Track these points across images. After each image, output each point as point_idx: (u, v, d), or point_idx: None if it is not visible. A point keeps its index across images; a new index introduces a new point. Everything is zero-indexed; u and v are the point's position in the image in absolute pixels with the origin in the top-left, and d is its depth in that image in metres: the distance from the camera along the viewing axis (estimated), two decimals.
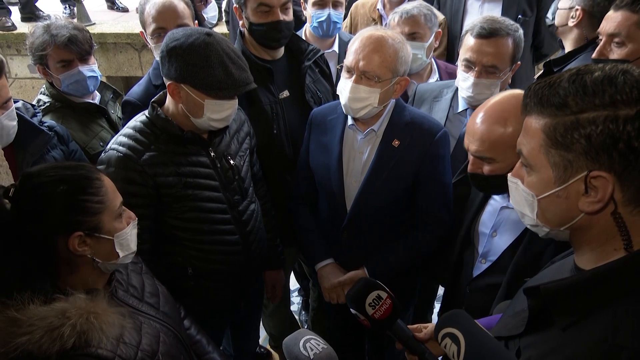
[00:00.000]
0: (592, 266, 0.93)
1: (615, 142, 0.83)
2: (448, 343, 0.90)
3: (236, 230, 1.97)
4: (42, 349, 1.13)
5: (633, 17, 1.95)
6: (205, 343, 1.80)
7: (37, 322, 1.15)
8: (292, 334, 1.11)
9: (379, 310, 1.21)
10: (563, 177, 0.90)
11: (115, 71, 4.93)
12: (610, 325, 0.85)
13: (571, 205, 0.91)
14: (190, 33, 1.69)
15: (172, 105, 1.79)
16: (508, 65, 2.06)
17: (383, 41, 1.82)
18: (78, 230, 1.31)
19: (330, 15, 2.64)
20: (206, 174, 1.85)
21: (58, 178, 1.30)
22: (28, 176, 1.31)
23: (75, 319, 1.19)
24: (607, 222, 0.90)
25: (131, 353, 1.30)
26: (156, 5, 2.24)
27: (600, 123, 0.84)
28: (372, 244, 2.06)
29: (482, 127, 1.55)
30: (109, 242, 1.37)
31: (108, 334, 1.23)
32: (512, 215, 1.67)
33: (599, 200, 0.87)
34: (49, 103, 2.32)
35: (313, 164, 2.12)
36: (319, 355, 1.03)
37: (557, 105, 0.88)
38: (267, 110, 2.23)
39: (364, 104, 1.86)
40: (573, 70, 0.91)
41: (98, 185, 1.34)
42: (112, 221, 1.37)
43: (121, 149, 1.73)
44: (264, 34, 2.19)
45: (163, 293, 1.61)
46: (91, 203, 1.32)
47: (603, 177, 0.86)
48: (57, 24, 2.24)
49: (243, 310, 2.33)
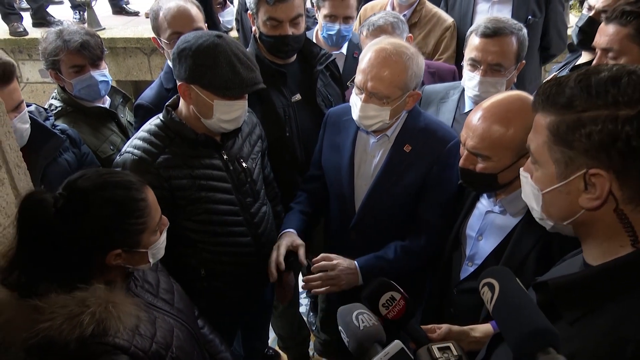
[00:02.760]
0: (599, 262, 0.94)
1: (614, 142, 0.85)
2: (486, 291, 0.94)
3: (248, 232, 1.99)
4: (62, 335, 1.17)
5: (623, 30, 1.90)
6: (218, 343, 1.82)
7: (58, 309, 1.20)
8: (348, 305, 1.14)
9: (392, 310, 1.22)
10: (565, 174, 0.93)
11: (125, 75, 4.97)
12: (616, 319, 0.86)
13: (572, 201, 0.94)
14: (201, 35, 1.72)
15: (185, 108, 1.81)
16: (513, 63, 2.07)
17: (392, 59, 1.78)
18: (118, 248, 1.34)
19: (340, 30, 2.64)
20: (219, 176, 1.87)
21: (107, 198, 1.31)
22: (74, 187, 1.31)
23: (95, 307, 1.23)
24: (610, 219, 0.91)
25: (146, 344, 1.33)
26: (171, 11, 2.27)
27: (601, 122, 0.85)
28: (379, 244, 2.05)
29: (484, 125, 1.55)
30: (144, 253, 1.41)
31: (125, 323, 1.27)
32: (497, 220, 1.68)
33: (597, 197, 0.90)
34: (60, 107, 2.35)
35: (325, 163, 2.13)
36: (368, 329, 1.06)
37: (562, 103, 0.90)
38: (279, 113, 2.25)
39: (375, 120, 1.86)
40: (582, 70, 0.93)
41: (143, 206, 1.36)
42: (150, 237, 1.40)
43: (136, 152, 1.76)
44: (272, 45, 2.22)
45: (178, 290, 1.64)
46: (135, 225, 1.35)
47: (601, 175, 0.88)
48: (69, 29, 2.28)
49: (253, 311, 2.34)
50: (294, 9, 2.16)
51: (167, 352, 1.39)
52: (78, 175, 1.34)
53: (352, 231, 2.08)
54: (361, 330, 1.06)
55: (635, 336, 0.83)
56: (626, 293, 0.88)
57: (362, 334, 1.07)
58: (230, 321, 2.20)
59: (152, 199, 1.41)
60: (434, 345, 0.90)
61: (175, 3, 2.29)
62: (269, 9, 2.14)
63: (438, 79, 2.67)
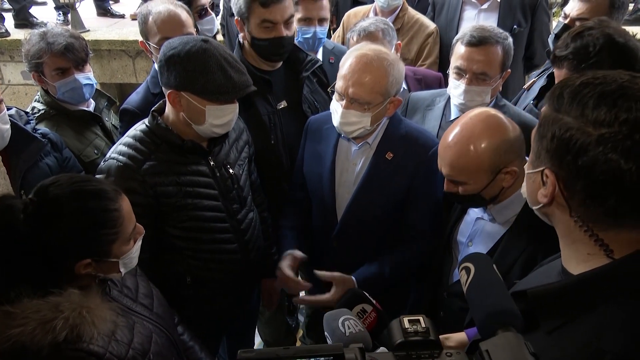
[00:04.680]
0: (575, 268, 0.95)
1: (567, 153, 0.87)
2: (463, 274, 1.01)
3: (235, 239, 1.97)
4: (34, 340, 1.15)
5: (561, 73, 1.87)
6: (197, 349, 1.80)
7: (31, 314, 1.17)
8: (334, 310, 1.15)
9: (363, 322, 1.22)
10: (535, 164, 0.97)
11: (109, 78, 4.92)
12: (594, 330, 0.87)
13: (535, 190, 0.98)
14: (187, 41, 1.70)
15: (172, 114, 1.79)
16: (498, 72, 2.09)
17: (373, 65, 1.78)
18: (87, 257, 1.32)
19: (316, 33, 2.64)
20: (205, 183, 1.85)
21: (78, 207, 1.28)
22: (46, 194, 1.28)
23: (68, 313, 1.20)
24: (569, 223, 0.94)
25: (122, 351, 1.32)
26: (161, 15, 2.25)
27: (564, 129, 0.87)
28: (362, 254, 2.05)
29: (450, 153, 1.58)
30: (115, 262, 1.38)
31: (100, 328, 1.25)
32: (487, 227, 1.70)
33: (546, 195, 0.94)
34: (43, 110, 2.32)
35: (306, 171, 2.12)
36: (354, 334, 1.06)
37: (557, 100, 0.92)
38: (265, 120, 2.24)
39: (356, 127, 1.85)
40: (599, 74, 0.92)
41: (116, 217, 1.34)
42: (121, 246, 1.38)
43: (121, 158, 1.73)
44: (267, 49, 2.20)
45: (157, 295, 1.62)
46: (107, 236, 1.33)
47: (552, 178, 0.91)
48: (53, 31, 2.24)
49: (239, 317, 2.32)
50: (287, 9, 2.15)
51: (144, 358, 1.38)
52: (51, 181, 1.31)
53: (334, 241, 2.07)
54: (347, 336, 1.06)
55: (613, 348, 0.84)
56: (605, 304, 0.89)
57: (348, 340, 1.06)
58: (216, 328, 2.18)
59: (126, 208, 1.38)
60: (405, 318, 0.95)
61: (165, 7, 2.27)
62: (264, 12, 2.11)
63: (425, 86, 2.69)
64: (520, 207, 1.59)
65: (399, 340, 0.91)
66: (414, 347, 0.90)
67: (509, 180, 1.57)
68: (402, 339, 0.91)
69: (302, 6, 2.60)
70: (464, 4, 3.28)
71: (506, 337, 0.82)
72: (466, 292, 0.98)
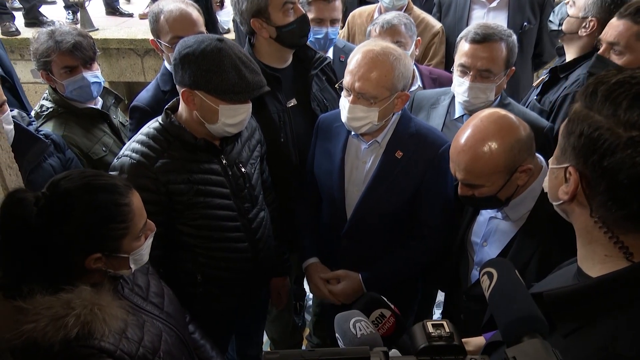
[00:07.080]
0: (592, 269, 0.94)
1: (593, 152, 0.85)
2: (485, 279, 0.99)
3: (245, 237, 1.97)
4: (46, 336, 1.16)
5: (634, 27, 1.95)
6: (209, 348, 1.80)
7: (43, 311, 1.18)
8: (345, 312, 1.15)
9: (382, 328, 1.21)
10: (560, 160, 0.96)
11: (118, 76, 4.95)
12: (610, 334, 0.86)
13: (557, 186, 0.97)
14: (202, 39, 1.69)
15: (186, 112, 1.79)
16: (502, 69, 2.08)
17: (379, 60, 1.79)
18: (97, 252, 1.32)
19: (327, 33, 2.65)
20: (217, 181, 1.85)
21: (89, 201, 1.29)
22: (57, 188, 1.29)
23: (80, 310, 1.22)
24: (588, 223, 0.92)
25: (133, 348, 1.32)
26: (172, 14, 2.25)
27: (593, 127, 0.85)
28: (370, 252, 2.06)
29: (466, 157, 1.56)
30: (125, 258, 1.38)
31: (111, 326, 1.26)
32: (501, 226, 1.70)
33: (567, 192, 0.92)
34: (51, 109, 2.32)
35: (317, 169, 2.12)
36: (365, 336, 1.06)
37: (590, 97, 0.90)
38: (274, 118, 2.23)
39: (364, 122, 1.85)
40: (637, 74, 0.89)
41: (126, 211, 1.34)
42: (132, 242, 1.38)
43: (134, 155, 1.73)
44: (296, 31, 2.16)
45: (168, 294, 1.62)
46: (116, 230, 1.33)
47: (575, 176, 0.90)
48: (61, 30, 2.25)
49: (248, 316, 2.33)
50: None
51: (154, 357, 1.38)
52: (62, 176, 1.32)
53: (343, 239, 2.08)
54: (358, 338, 1.06)
55: (628, 353, 0.83)
56: (622, 308, 0.87)
57: (359, 342, 1.06)
58: (225, 326, 2.18)
59: (137, 203, 1.38)
60: (429, 322, 0.92)
61: (176, 6, 2.27)
62: None
63: (439, 86, 2.68)
64: (532, 203, 1.59)
65: (423, 344, 0.88)
66: (438, 352, 0.87)
67: (524, 178, 1.57)
68: (425, 344, 0.88)
69: (314, 7, 2.60)
70: (472, 3, 3.27)
71: (533, 344, 0.80)
72: (489, 297, 0.96)
